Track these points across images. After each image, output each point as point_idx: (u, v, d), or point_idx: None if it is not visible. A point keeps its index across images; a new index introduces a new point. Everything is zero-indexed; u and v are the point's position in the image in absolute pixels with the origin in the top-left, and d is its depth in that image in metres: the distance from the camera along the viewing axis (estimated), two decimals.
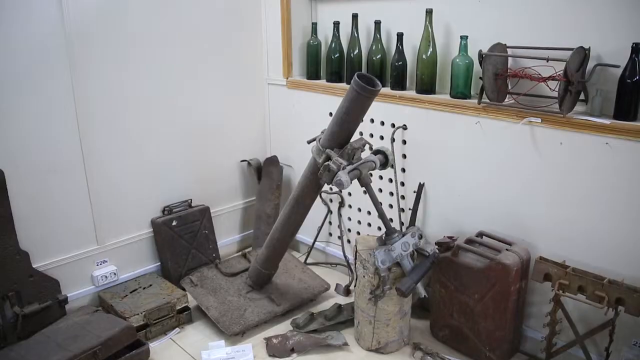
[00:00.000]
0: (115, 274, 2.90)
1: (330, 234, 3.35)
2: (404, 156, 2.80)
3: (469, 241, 2.45)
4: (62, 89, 2.56)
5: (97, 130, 2.72)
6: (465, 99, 2.51)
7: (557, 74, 2.13)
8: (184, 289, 2.88)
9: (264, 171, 3.44)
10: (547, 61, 2.16)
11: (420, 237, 2.37)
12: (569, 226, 2.25)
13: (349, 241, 3.24)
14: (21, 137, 2.47)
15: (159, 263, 3.10)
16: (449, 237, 2.50)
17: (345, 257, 3.21)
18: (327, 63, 3.12)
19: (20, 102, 2.44)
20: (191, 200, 3.19)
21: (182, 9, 2.94)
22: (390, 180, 2.89)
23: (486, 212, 2.52)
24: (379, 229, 3.01)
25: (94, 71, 2.66)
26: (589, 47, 2.10)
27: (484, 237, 2.48)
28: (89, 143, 2.70)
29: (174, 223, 3.04)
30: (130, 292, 2.82)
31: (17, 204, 2.48)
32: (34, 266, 2.56)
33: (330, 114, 2.98)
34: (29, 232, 2.55)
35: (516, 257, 2.27)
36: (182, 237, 3.07)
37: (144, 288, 2.86)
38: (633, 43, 1.99)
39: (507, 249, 2.32)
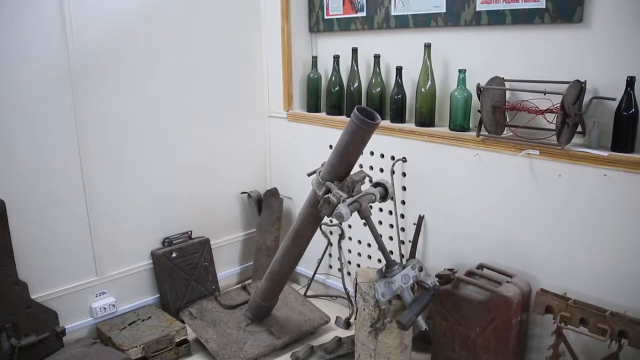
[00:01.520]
0: (114, 305, 2.88)
1: (331, 266, 3.34)
2: (404, 188, 2.81)
3: (470, 273, 2.44)
4: (64, 121, 2.59)
5: (98, 162, 2.74)
6: (464, 131, 2.54)
7: (554, 106, 2.16)
8: (183, 322, 2.86)
9: (264, 203, 3.45)
10: (544, 94, 2.19)
11: (421, 269, 2.36)
12: (569, 258, 2.24)
13: (349, 273, 3.23)
14: (23, 168, 2.49)
15: (158, 295, 3.08)
16: (449, 270, 2.50)
17: (345, 289, 3.19)
18: (327, 96, 3.16)
19: (23, 133, 2.47)
20: (191, 232, 3.19)
21: (184, 43, 3.00)
22: (390, 213, 2.89)
23: (486, 244, 2.52)
24: (379, 261, 3.00)
25: (96, 104, 2.69)
26: (585, 81, 2.13)
27: (484, 269, 2.48)
28: (90, 174, 2.71)
29: (174, 255, 3.04)
30: (129, 324, 2.80)
31: (17, 234, 2.48)
32: (32, 297, 2.54)
33: (331, 146, 3.01)
34: (29, 262, 2.55)
35: (517, 289, 2.26)
36: (181, 269, 3.06)
37: (142, 320, 2.84)
38: (628, 76, 2.03)
39: (507, 281, 2.31)
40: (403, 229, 2.87)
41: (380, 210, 2.94)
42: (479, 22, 2.49)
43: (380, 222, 2.95)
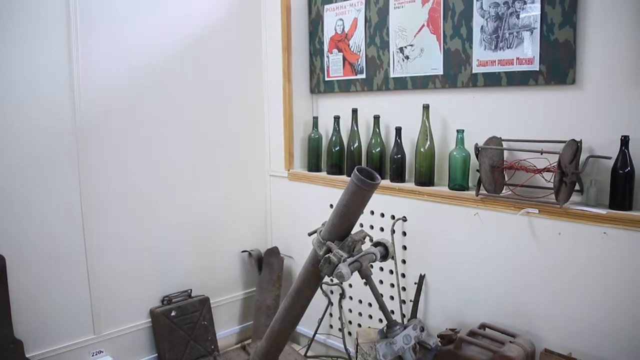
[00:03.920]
0: None
1: (331, 326, 3.30)
2: (404, 247, 2.81)
3: (472, 333, 2.40)
4: (67, 178, 2.63)
5: (99, 218, 2.76)
6: (463, 190, 2.56)
7: (552, 165, 2.19)
8: None
9: (265, 262, 3.44)
10: (541, 154, 2.23)
11: (422, 329, 2.33)
12: (572, 317, 2.22)
13: (349, 333, 3.18)
14: (24, 224, 2.51)
15: (156, 354, 3.02)
16: (451, 330, 2.46)
17: (346, 349, 3.13)
18: (327, 156, 3.20)
19: (26, 190, 2.50)
20: (191, 290, 3.17)
21: (186, 103, 3.08)
22: (391, 272, 2.88)
23: (488, 303, 2.50)
24: (380, 321, 2.96)
25: (99, 162, 2.74)
26: (581, 140, 2.17)
27: (486, 328, 2.44)
28: (91, 231, 2.73)
29: (173, 313, 3.01)
30: None
31: (15, 291, 2.46)
32: (27, 356, 2.50)
33: (331, 205, 3.02)
34: (26, 319, 2.52)
35: (520, 349, 2.22)
36: (180, 328, 3.03)
37: None
38: (622, 136, 2.07)
39: (511, 341, 2.28)
40: (404, 289, 2.85)
41: (381, 269, 2.93)
42: (475, 84, 2.56)
43: (381, 282, 2.94)
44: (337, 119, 3.15)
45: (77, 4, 2.58)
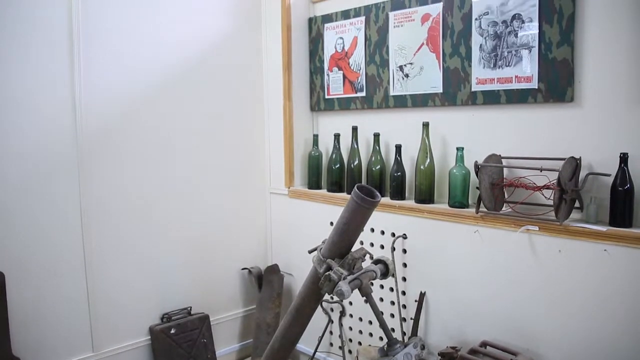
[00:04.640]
0: None
1: (331, 344, 3.28)
2: (405, 265, 2.81)
3: (473, 351, 2.39)
4: (68, 194, 2.64)
5: (100, 235, 2.76)
6: (463, 208, 2.57)
7: (551, 182, 2.20)
8: None
9: (265, 279, 3.43)
10: (541, 171, 2.23)
11: (423, 347, 2.32)
12: (573, 334, 2.21)
13: (350, 351, 3.16)
14: (24, 240, 2.51)
15: None
16: (452, 348, 2.45)
17: None
18: (327, 173, 3.21)
19: (26, 205, 2.50)
20: (191, 307, 3.16)
21: (186, 120, 3.09)
22: (391, 290, 2.87)
23: (489, 321, 2.49)
24: (381, 339, 2.95)
25: (101, 178, 2.75)
26: (580, 157, 2.18)
27: (487, 347, 2.43)
28: (91, 247, 2.72)
29: (173, 331, 2.99)
30: None
31: (14, 307, 2.46)
32: None
33: (331, 223, 3.03)
34: (24, 336, 2.51)
35: None
36: (180, 346, 3.01)
37: None
38: (620, 153, 2.08)
39: (512, 359, 2.27)
40: (404, 306, 2.84)
41: (381, 287, 2.92)
42: (474, 102, 2.57)
43: (382, 299, 2.93)
44: (337, 136, 3.16)
45: (80, 23, 2.60)
